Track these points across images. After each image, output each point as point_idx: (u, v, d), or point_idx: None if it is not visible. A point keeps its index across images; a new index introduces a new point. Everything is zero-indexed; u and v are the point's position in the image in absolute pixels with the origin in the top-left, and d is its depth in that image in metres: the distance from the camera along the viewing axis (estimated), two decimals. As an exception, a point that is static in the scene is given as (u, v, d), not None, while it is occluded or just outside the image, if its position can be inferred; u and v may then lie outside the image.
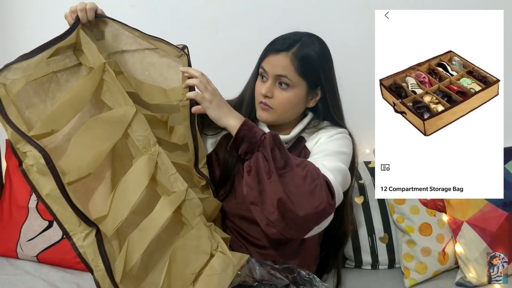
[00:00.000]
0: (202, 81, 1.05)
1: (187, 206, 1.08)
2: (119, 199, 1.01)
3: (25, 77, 0.97)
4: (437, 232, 1.44)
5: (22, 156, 0.93)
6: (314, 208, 0.96)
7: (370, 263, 1.50)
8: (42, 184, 0.93)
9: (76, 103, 1.02)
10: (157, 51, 1.14)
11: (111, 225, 1.00)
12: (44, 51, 0.99)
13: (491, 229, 1.40)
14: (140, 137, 1.05)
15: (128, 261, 0.99)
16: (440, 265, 1.44)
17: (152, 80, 1.16)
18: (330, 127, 1.20)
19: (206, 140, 1.25)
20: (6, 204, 1.55)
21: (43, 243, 1.48)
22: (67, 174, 0.97)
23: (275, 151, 0.98)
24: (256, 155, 1.00)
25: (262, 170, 0.98)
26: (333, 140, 1.15)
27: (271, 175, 0.97)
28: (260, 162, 0.98)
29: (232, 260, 1.07)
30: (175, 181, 1.07)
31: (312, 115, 1.21)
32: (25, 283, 1.39)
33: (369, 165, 1.60)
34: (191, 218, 1.08)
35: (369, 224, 1.50)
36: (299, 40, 1.11)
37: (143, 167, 1.03)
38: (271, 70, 1.11)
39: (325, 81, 1.15)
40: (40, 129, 0.96)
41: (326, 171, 1.03)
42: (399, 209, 1.46)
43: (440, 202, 1.47)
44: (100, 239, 0.96)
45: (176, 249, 1.05)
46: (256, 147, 1.00)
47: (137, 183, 1.02)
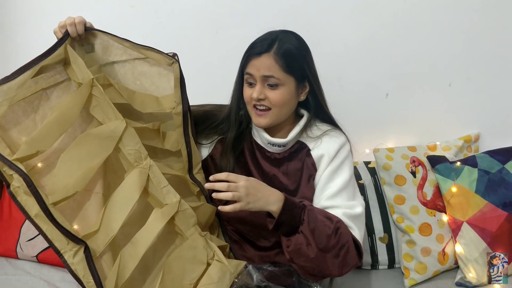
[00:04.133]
0: (236, 193, 1.00)
1: (180, 217, 1.08)
2: (110, 214, 1.02)
3: (7, 100, 0.97)
4: (437, 232, 1.44)
5: (9, 178, 0.95)
6: (346, 267, 1.09)
7: (370, 263, 1.50)
8: (30, 205, 0.95)
9: (63, 122, 1.02)
10: (147, 60, 1.14)
11: (102, 241, 1.01)
12: (28, 71, 0.99)
13: (491, 229, 1.40)
14: (131, 151, 1.06)
15: (121, 276, 0.99)
16: (440, 265, 1.44)
17: (144, 89, 1.17)
18: (331, 132, 1.20)
19: (201, 149, 1.26)
20: (6, 204, 1.55)
21: (43, 243, 1.48)
22: (52, 193, 0.97)
23: (315, 232, 1.03)
24: (296, 236, 1.04)
25: (304, 250, 1.04)
26: (338, 168, 1.17)
27: (314, 253, 1.03)
28: (301, 243, 1.04)
29: (229, 268, 1.08)
30: (167, 193, 1.07)
31: (307, 115, 1.21)
32: (25, 283, 1.39)
33: (369, 165, 1.60)
34: (185, 228, 1.09)
35: (369, 224, 1.50)
36: (276, 39, 1.12)
37: (134, 181, 1.04)
38: (257, 73, 1.11)
39: (310, 73, 1.16)
40: (25, 151, 0.97)
41: (352, 226, 1.11)
42: (399, 209, 1.46)
43: (440, 202, 1.47)
44: (89, 255, 0.98)
45: (171, 260, 1.05)
46: (295, 229, 1.04)
47: (128, 197, 1.03)
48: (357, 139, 1.26)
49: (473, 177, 1.45)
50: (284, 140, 1.18)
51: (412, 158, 1.50)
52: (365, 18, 1.61)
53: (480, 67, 1.63)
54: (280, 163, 1.20)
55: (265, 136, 1.18)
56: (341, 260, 1.06)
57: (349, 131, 1.23)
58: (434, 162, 1.50)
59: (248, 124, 1.24)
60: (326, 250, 1.04)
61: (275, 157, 1.21)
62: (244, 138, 1.24)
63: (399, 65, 1.64)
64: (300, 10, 1.60)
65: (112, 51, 1.13)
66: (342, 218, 1.10)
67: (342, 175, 1.16)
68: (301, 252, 1.04)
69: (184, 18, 1.64)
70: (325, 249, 1.04)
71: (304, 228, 1.03)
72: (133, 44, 1.11)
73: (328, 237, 1.04)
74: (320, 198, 1.15)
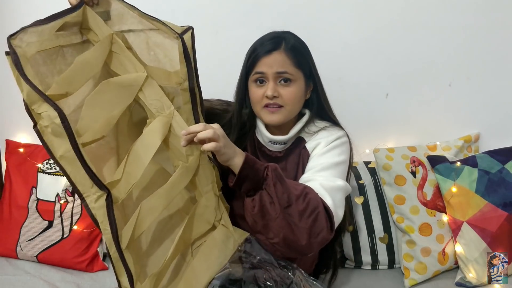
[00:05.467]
0: (216, 132, 0.98)
1: (200, 172, 1.05)
2: (132, 162, 0.99)
3: (39, 42, 0.96)
4: (437, 232, 1.44)
5: (37, 117, 0.93)
6: (315, 237, 1.01)
7: (370, 263, 1.50)
8: (57, 145, 0.93)
9: (88, 68, 1.01)
10: (160, 32, 1.12)
11: (124, 188, 0.98)
12: (56, 20, 0.99)
13: (491, 229, 1.40)
14: (153, 101, 1.03)
15: (138, 228, 0.97)
16: (440, 265, 1.44)
17: (157, 60, 1.14)
18: (329, 128, 1.20)
19: None
20: (6, 204, 1.55)
21: (43, 243, 1.48)
22: (82, 135, 0.96)
23: (277, 187, 0.99)
24: (260, 193, 1.00)
25: (268, 208, 0.99)
26: (331, 150, 1.16)
27: (276, 212, 0.98)
28: (265, 201, 0.99)
29: (234, 235, 1.06)
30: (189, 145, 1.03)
31: (309, 113, 1.22)
32: (25, 283, 1.39)
33: (369, 165, 1.60)
34: (204, 184, 1.06)
35: (369, 224, 1.50)
36: (282, 37, 1.15)
37: (156, 127, 1.01)
38: (269, 70, 1.12)
39: (314, 70, 1.19)
40: (55, 89, 0.95)
41: (325, 195, 1.05)
42: (399, 209, 1.46)
43: (440, 202, 1.47)
44: (110, 203, 0.95)
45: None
46: (259, 185, 1.00)
47: (149, 144, 1.00)
48: (357, 139, 1.26)
49: (473, 177, 1.45)
50: (285, 137, 1.18)
51: (412, 158, 1.50)
52: (365, 18, 1.61)
53: (480, 67, 1.63)
54: (280, 161, 1.20)
55: (266, 135, 1.18)
56: (309, 227, 0.99)
57: (349, 131, 1.23)
58: (434, 162, 1.50)
59: (251, 126, 1.23)
60: (291, 212, 0.98)
61: (276, 155, 1.21)
62: (247, 138, 1.24)
63: (399, 65, 1.64)
64: (300, 10, 1.60)
65: (128, 19, 1.11)
66: (316, 188, 1.05)
67: (333, 156, 1.14)
68: (265, 211, 0.99)
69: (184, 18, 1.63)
70: (290, 210, 0.98)
71: (268, 185, 0.98)
72: (143, 13, 1.09)
73: (295, 198, 0.99)
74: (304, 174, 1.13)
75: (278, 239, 1.01)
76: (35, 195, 1.53)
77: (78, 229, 1.49)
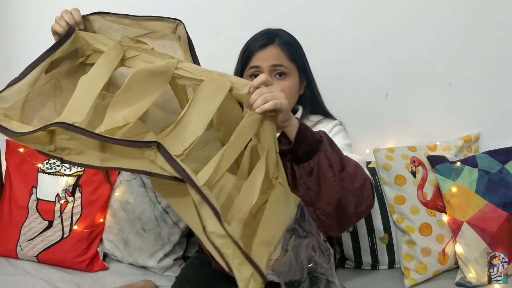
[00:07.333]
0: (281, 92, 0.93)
1: (265, 123, 0.94)
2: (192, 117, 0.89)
3: (19, 102, 0.90)
4: (437, 232, 1.44)
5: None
6: (364, 203, 0.97)
7: (370, 263, 1.50)
8: None
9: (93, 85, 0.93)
10: (148, 35, 1.08)
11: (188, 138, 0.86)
12: (38, 67, 0.93)
13: (491, 229, 1.40)
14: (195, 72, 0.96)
15: (218, 169, 0.84)
16: (440, 265, 1.44)
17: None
18: (324, 120, 1.21)
19: None
20: (6, 204, 1.55)
21: (43, 243, 1.48)
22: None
23: (333, 149, 0.94)
24: (318, 155, 0.93)
25: (325, 172, 0.94)
26: (335, 135, 1.16)
27: (334, 175, 0.93)
28: (323, 163, 0.94)
29: (292, 195, 0.95)
30: None
31: (302, 110, 1.23)
32: (25, 283, 1.39)
33: (369, 165, 1.60)
34: (267, 135, 0.95)
35: (369, 224, 1.50)
36: (276, 32, 1.19)
37: (212, 90, 0.92)
38: (264, 64, 1.14)
39: (307, 66, 1.21)
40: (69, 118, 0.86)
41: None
42: (399, 209, 1.46)
43: (440, 202, 1.47)
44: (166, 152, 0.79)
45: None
46: (316, 147, 0.94)
47: (209, 102, 0.90)
48: (357, 139, 1.27)
49: (473, 177, 1.45)
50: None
51: (412, 158, 1.50)
52: (365, 18, 1.61)
53: (480, 67, 1.63)
54: None
55: None
56: (358, 193, 0.96)
57: (349, 131, 1.24)
58: (434, 162, 1.50)
59: None
60: (344, 176, 0.94)
61: None
62: None
63: (399, 65, 1.64)
64: (300, 10, 1.60)
65: (111, 33, 1.07)
66: None
67: (339, 140, 1.13)
68: (321, 175, 0.93)
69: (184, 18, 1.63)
70: (343, 174, 0.94)
71: (324, 147, 0.93)
72: (133, 18, 1.06)
73: (347, 162, 0.95)
74: None
75: (329, 208, 0.95)
76: (35, 195, 1.53)
77: (78, 229, 1.49)
